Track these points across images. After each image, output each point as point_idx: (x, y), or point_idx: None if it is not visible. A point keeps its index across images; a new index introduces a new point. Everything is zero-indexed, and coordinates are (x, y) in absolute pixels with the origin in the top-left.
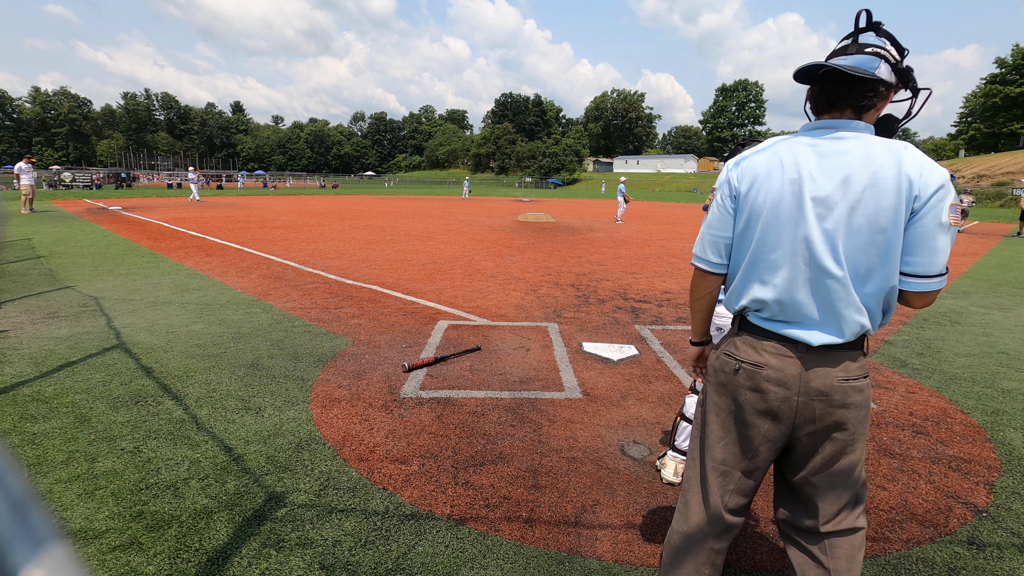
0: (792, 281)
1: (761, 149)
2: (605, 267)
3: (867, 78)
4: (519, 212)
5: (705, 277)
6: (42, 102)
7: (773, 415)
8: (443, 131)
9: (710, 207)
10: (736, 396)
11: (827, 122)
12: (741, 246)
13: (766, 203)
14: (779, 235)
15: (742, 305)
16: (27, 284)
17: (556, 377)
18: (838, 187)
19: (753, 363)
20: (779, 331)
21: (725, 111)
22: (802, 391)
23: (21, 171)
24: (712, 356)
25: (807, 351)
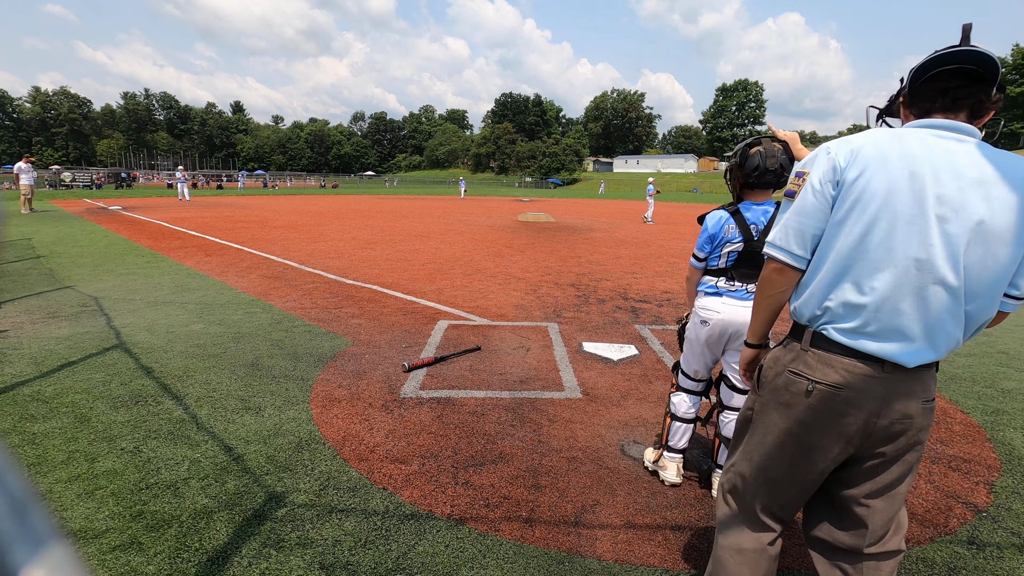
0: (897, 287)
1: (868, 136)
2: (605, 267)
3: (993, 77)
4: (519, 212)
5: (784, 272)
6: (42, 102)
7: (847, 439)
8: (443, 131)
9: (799, 192)
10: (804, 419)
11: (944, 122)
12: (833, 240)
13: (878, 193)
14: (890, 233)
15: (824, 309)
16: (27, 284)
17: (556, 377)
18: (969, 190)
19: (831, 384)
20: (864, 347)
21: (725, 111)
22: (884, 414)
23: (20, 171)
24: (770, 370)
25: (894, 370)
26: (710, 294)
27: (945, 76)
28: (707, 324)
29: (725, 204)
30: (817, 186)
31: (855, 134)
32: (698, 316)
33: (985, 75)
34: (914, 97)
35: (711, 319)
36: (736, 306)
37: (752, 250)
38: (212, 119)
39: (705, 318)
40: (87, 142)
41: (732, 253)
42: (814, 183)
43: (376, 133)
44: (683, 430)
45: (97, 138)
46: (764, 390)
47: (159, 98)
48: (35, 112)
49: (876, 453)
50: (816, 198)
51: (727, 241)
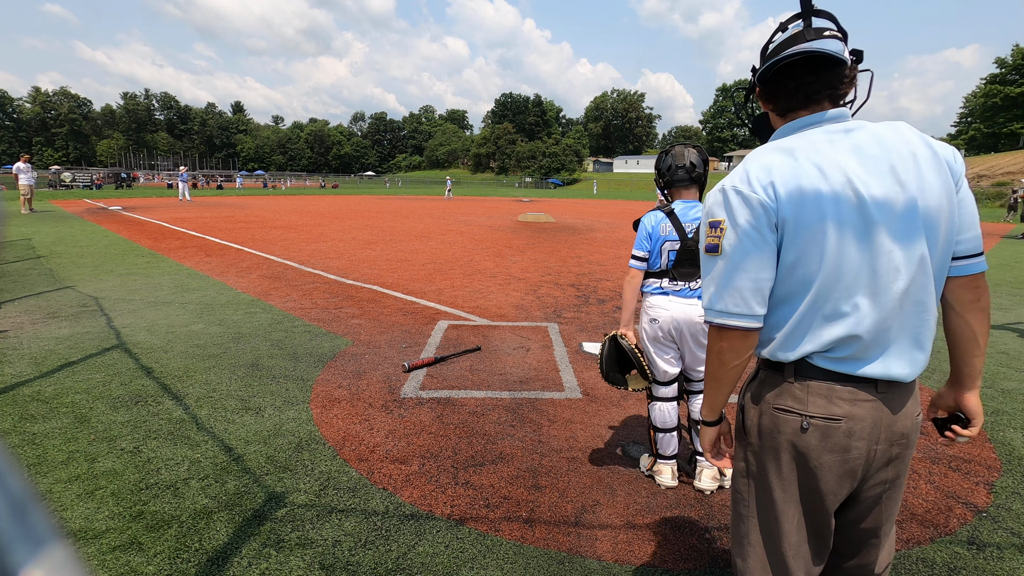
0: (879, 308)
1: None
2: (605, 267)
3: (842, 61)
4: (519, 212)
5: (747, 337)
6: (42, 102)
7: (852, 475)
8: (443, 131)
9: (728, 246)
10: (805, 461)
11: (818, 117)
12: (796, 281)
13: (824, 221)
14: (849, 256)
15: (807, 352)
16: (27, 284)
17: (556, 377)
18: (890, 181)
19: (828, 416)
20: (859, 372)
21: (725, 111)
22: (883, 438)
23: (19, 171)
24: (751, 413)
25: (888, 388)
26: (656, 293)
27: (791, 71)
28: (657, 321)
29: (659, 206)
30: (755, 235)
31: (752, 163)
32: (647, 315)
33: (835, 57)
34: (767, 95)
35: (660, 316)
36: (682, 303)
37: (688, 248)
38: (212, 119)
39: (654, 316)
40: (87, 142)
41: (672, 252)
42: (749, 233)
43: (376, 133)
44: (668, 438)
45: (97, 138)
46: (751, 437)
47: (159, 98)
48: (35, 112)
49: (877, 483)
50: (759, 249)
51: (665, 239)
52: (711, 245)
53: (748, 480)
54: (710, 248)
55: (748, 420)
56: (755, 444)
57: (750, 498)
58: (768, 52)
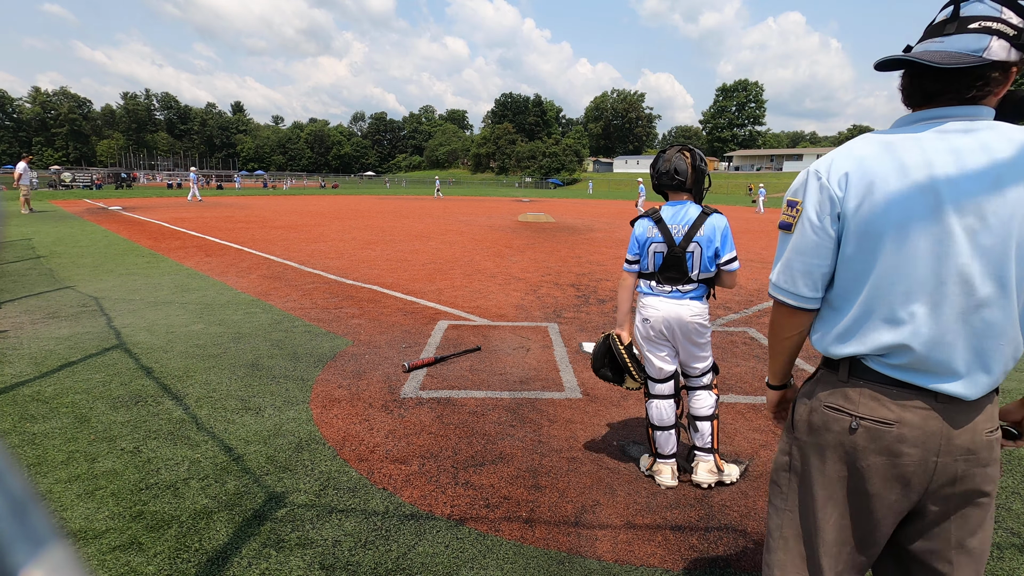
0: (938, 319)
1: (859, 148)
2: (605, 267)
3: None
4: (519, 212)
5: (794, 315)
6: (42, 102)
7: (905, 482)
8: (443, 131)
9: (794, 224)
10: (853, 461)
11: (935, 111)
12: (852, 275)
13: (890, 219)
14: (913, 260)
15: (858, 349)
16: (27, 284)
17: (556, 377)
18: (989, 190)
19: (879, 420)
20: (914, 381)
21: (725, 111)
22: (944, 450)
23: (24, 171)
24: (803, 407)
25: (950, 401)
26: (647, 294)
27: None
28: (648, 321)
29: (649, 210)
30: (816, 222)
31: (843, 148)
32: (640, 314)
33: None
34: (902, 84)
35: (651, 316)
36: (672, 304)
37: (674, 255)
38: (212, 119)
39: (647, 315)
40: (87, 142)
41: (658, 255)
42: (812, 218)
43: (376, 133)
44: (666, 436)
45: (97, 138)
46: (800, 431)
47: (159, 98)
48: (35, 112)
49: (942, 499)
50: (817, 235)
51: (652, 241)
52: (785, 223)
53: (790, 474)
54: (783, 226)
55: (798, 415)
56: (803, 439)
57: (789, 492)
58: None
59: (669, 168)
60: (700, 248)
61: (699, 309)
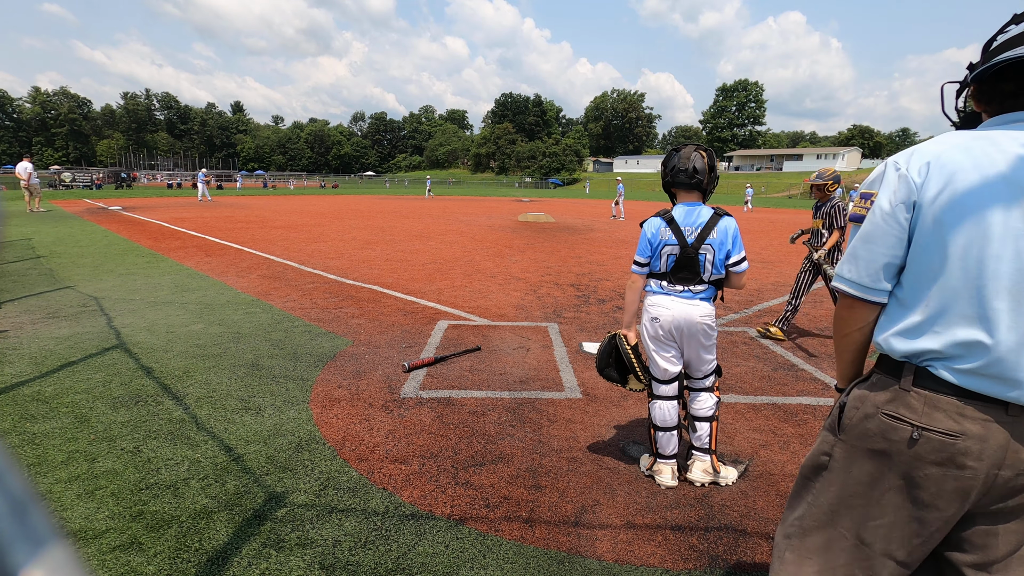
0: (1019, 318)
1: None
2: (605, 267)
3: None
4: (519, 212)
5: (855, 307)
6: (42, 102)
7: (963, 495)
8: (443, 131)
9: (867, 216)
10: (910, 471)
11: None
12: (926, 268)
13: (970, 210)
14: (998, 256)
15: (928, 347)
16: (27, 284)
17: (556, 377)
18: None
19: (944, 431)
20: (986, 391)
21: (725, 111)
22: (1008, 464)
23: (31, 171)
24: (855, 411)
25: (1021, 413)
26: (657, 293)
27: (1012, 74)
28: (658, 320)
29: (660, 211)
30: (887, 208)
31: (926, 143)
32: (648, 313)
33: None
34: (982, 96)
35: (662, 315)
36: (683, 304)
37: (687, 255)
38: (212, 119)
39: (656, 315)
40: (87, 142)
41: (671, 256)
42: (883, 205)
43: (376, 133)
44: (668, 437)
45: (97, 138)
46: (848, 434)
47: (160, 98)
48: (35, 112)
49: (995, 510)
50: (886, 222)
51: (665, 244)
52: (857, 215)
53: (825, 473)
54: (856, 218)
55: (848, 418)
56: (849, 443)
57: (820, 491)
58: (992, 48)
59: (688, 167)
60: (713, 250)
61: (708, 310)
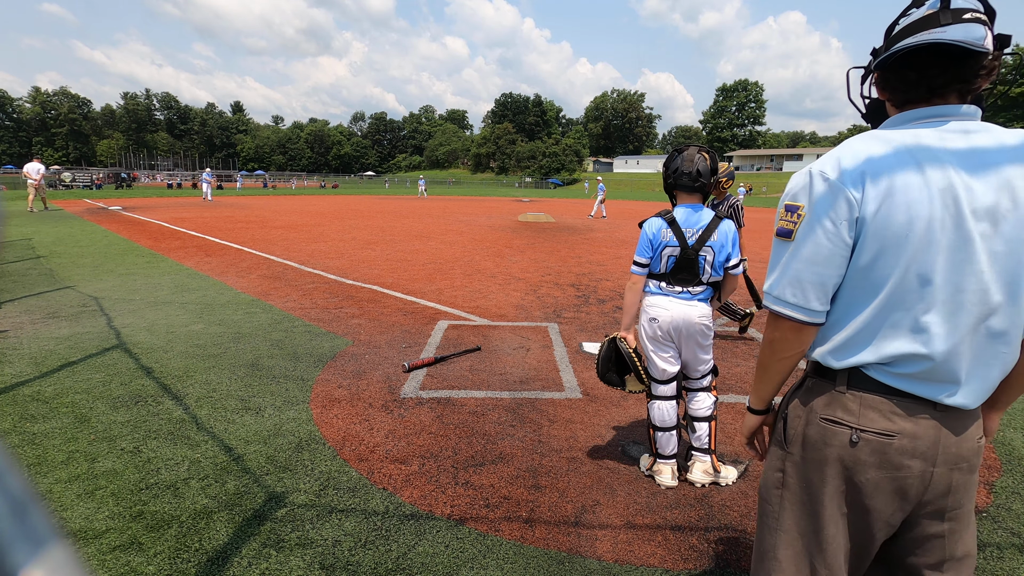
0: (954, 328)
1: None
2: (605, 267)
3: (979, 52)
4: (519, 212)
5: (802, 331)
6: (42, 102)
7: (903, 494)
8: (443, 131)
9: (800, 233)
10: (852, 475)
11: (935, 110)
12: (864, 284)
13: (912, 224)
14: (931, 266)
15: (864, 362)
16: (27, 284)
17: (556, 377)
18: (1001, 196)
19: (880, 431)
20: (917, 391)
21: (725, 111)
22: (940, 460)
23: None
24: (797, 420)
25: (948, 410)
26: (656, 294)
27: (915, 60)
28: (656, 321)
29: (661, 211)
30: (831, 228)
31: (848, 148)
32: (647, 314)
33: (972, 50)
34: (886, 84)
35: (660, 316)
36: (682, 304)
37: (687, 257)
38: (212, 119)
39: (654, 315)
40: (87, 142)
41: (671, 257)
42: (826, 225)
43: (376, 133)
44: (667, 437)
45: (97, 138)
46: (793, 447)
47: (159, 98)
48: (35, 112)
49: (934, 511)
50: (832, 243)
51: (666, 245)
52: (784, 229)
53: (781, 491)
54: (782, 232)
55: (791, 429)
56: (796, 455)
57: (781, 512)
58: (893, 34)
59: (692, 169)
60: (713, 252)
61: (706, 311)
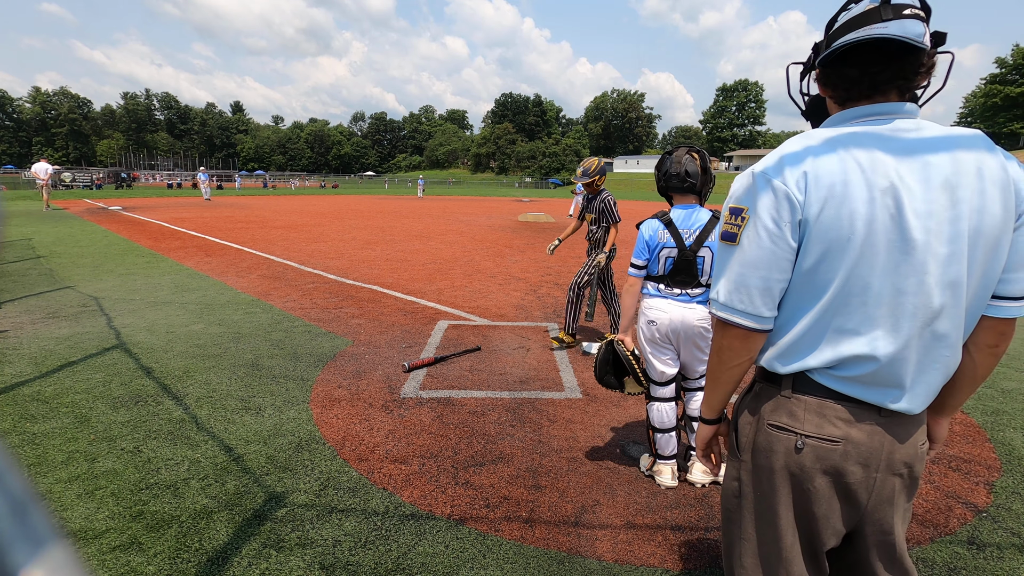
0: (898, 332)
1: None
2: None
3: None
4: (519, 212)
5: (750, 338)
6: (42, 102)
7: (850, 501)
8: (443, 131)
9: (744, 237)
10: (800, 483)
11: (880, 108)
12: (807, 288)
13: (854, 227)
14: (874, 269)
15: (807, 367)
16: (27, 284)
17: (556, 377)
18: (941, 196)
19: (824, 437)
20: (863, 396)
21: (725, 111)
22: (884, 466)
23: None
24: (747, 426)
25: (893, 415)
26: (655, 296)
27: (856, 56)
28: (655, 323)
29: (658, 213)
30: (775, 230)
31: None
32: (646, 316)
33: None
34: (827, 81)
35: (659, 318)
36: (680, 307)
37: (685, 258)
38: (212, 119)
39: (653, 318)
40: (87, 142)
41: (669, 259)
42: (769, 227)
43: (376, 133)
44: (667, 438)
45: (97, 138)
46: (746, 453)
47: (159, 98)
48: (35, 112)
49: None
50: (777, 246)
51: (663, 246)
52: (728, 233)
53: (740, 500)
54: (727, 236)
55: (742, 437)
56: (748, 462)
57: (741, 520)
58: (833, 30)
59: (680, 171)
60: (711, 252)
61: (705, 313)
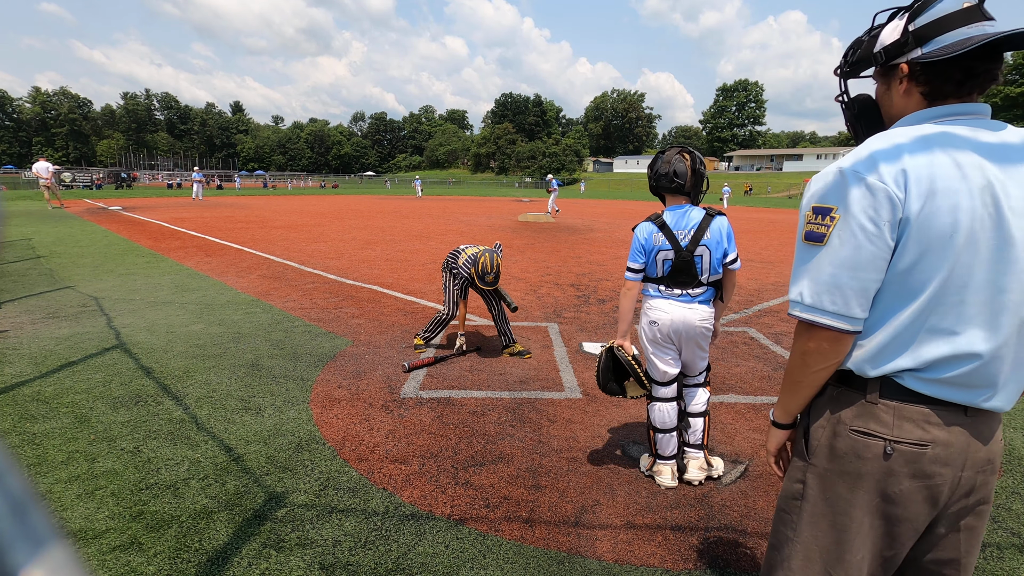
0: (997, 331)
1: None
2: (605, 267)
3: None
4: (519, 212)
5: (839, 340)
6: (42, 102)
7: (933, 502)
8: (443, 131)
9: (836, 237)
10: (885, 487)
11: (968, 108)
12: (901, 287)
13: (957, 224)
14: (971, 268)
15: (902, 368)
16: (27, 284)
17: (556, 377)
18: None
19: (914, 442)
20: (953, 398)
21: (725, 111)
22: (968, 464)
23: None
24: (822, 431)
25: (977, 413)
26: (656, 296)
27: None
28: (656, 324)
29: (652, 216)
30: (872, 228)
31: (882, 143)
32: (647, 317)
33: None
34: (927, 77)
35: (660, 319)
36: (682, 307)
37: (682, 259)
38: (212, 119)
39: (654, 318)
40: (87, 142)
41: (667, 261)
42: (865, 226)
43: (376, 133)
44: (667, 438)
45: (97, 138)
46: (818, 458)
47: (159, 98)
48: (35, 112)
49: (957, 511)
50: (875, 246)
51: (659, 249)
52: (815, 233)
53: (800, 503)
54: (812, 236)
55: (815, 440)
56: (820, 467)
57: (799, 523)
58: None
59: (668, 171)
60: (709, 251)
61: (707, 313)
